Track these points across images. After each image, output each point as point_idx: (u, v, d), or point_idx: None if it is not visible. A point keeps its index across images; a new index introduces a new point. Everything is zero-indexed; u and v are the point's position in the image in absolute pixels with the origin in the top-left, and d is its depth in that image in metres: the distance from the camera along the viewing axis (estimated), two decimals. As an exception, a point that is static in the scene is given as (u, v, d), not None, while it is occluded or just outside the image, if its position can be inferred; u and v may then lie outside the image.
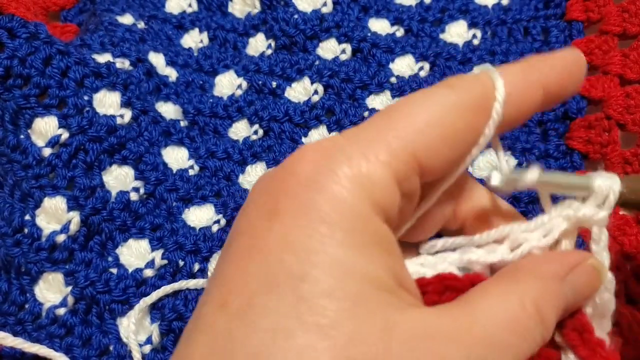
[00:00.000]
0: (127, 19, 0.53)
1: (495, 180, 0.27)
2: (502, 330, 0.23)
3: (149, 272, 0.41)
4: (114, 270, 0.41)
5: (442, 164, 0.25)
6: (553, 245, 0.27)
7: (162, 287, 0.40)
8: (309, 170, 0.23)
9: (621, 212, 0.42)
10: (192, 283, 0.40)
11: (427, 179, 0.26)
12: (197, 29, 0.55)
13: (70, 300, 0.40)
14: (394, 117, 0.25)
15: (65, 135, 0.42)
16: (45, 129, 0.42)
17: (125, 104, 0.45)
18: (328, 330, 0.21)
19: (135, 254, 0.42)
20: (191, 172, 0.46)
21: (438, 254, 0.27)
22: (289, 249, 0.22)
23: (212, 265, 0.42)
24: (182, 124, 0.48)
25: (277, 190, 0.24)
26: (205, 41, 0.54)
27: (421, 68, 0.50)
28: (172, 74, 0.51)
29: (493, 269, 0.27)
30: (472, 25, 0.52)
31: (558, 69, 0.27)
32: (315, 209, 0.23)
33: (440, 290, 0.25)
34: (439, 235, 0.30)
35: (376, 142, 0.24)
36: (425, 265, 0.27)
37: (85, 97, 0.44)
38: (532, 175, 0.26)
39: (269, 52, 0.53)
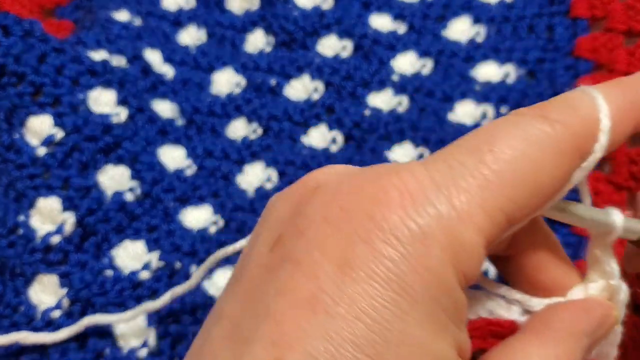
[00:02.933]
0: (123, 16, 0.52)
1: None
2: None
3: (145, 274, 0.40)
4: (110, 272, 0.40)
5: (528, 215, 0.22)
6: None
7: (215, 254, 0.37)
8: (394, 221, 0.20)
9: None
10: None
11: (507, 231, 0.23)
12: (194, 26, 0.54)
13: (65, 302, 0.40)
14: (487, 160, 0.21)
15: (60, 134, 0.42)
16: (40, 127, 0.42)
17: (121, 102, 0.45)
18: None
19: (131, 255, 0.41)
20: (188, 172, 0.46)
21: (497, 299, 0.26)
22: (361, 318, 0.19)
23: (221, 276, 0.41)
24: (179, 122, 0.48)
25: (353, 233, 0.20)
26: (203, 38, 0.54)
27: (424, 65, 0.50)
28: (169, 71, 0.51)
29: None
30: (475, 22, 0.52)
31: None
32: (396, 276, 0.20)
33: (483, 336, 0.24)
34: None
35: (469, 195, 0.21)
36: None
37: (80, 95, 0.43)
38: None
39: (268, 49, 0.52)
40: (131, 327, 0.39)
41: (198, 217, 0.44)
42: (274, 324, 0.20)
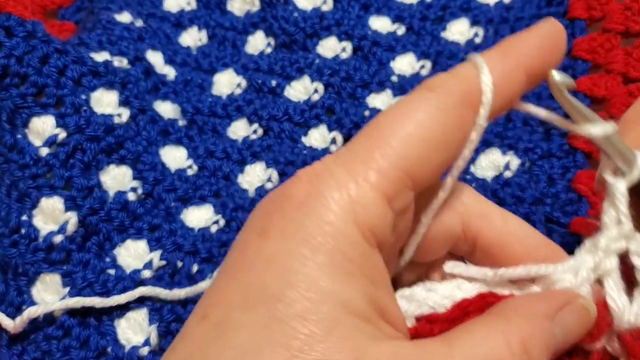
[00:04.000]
0: (125, 17, 0.53)
1: (557, 76, 0.26)
2: None
3: (147, 273, 0.40)
4: (112, 271, 0.41)
5: (433, 171, 0.25)
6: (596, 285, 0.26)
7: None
8: (301, 193, 0.24)
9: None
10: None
11: (421, 187, 0.25)
12: (195, 27, 0.54)
13: (68, 301, 0.40)
14: (379, 133, 0.25)
15: (62, 134, 0.42)
16: (43, 128, 0.42)
17: (123, 103, 0.45)
18: (296, 352, 0.21)
19: (133, 254, 0.42)
20: (190, 172, 0.46)
21: (472, 282, 0.27)
22: (271, 267, 0.22)
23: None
24: (181, 123, 0.48)
25: (271, 211, 0.24)
26: (204, 39, 0.54)
27: (422, 66, 0.50)
28: (170, 72, 0.51)
29: None
30: (474, 23, 0.52)
31: (537, 45, 0.26)
32: (301, 231, 0.23)
33: (454, 318, 0.25)
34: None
35: (364, 163, 0.24)
36: (461, 288, 0.26)
37: (83, 96, 0.43)
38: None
39: (269, 50, 0.53)
40: (133, 325, 0.39)
41: (199, 216, 0.44)
42: (208, 293, 0.24)
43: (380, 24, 0.53)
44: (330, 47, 0.52)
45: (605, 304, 0.26)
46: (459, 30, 0.52)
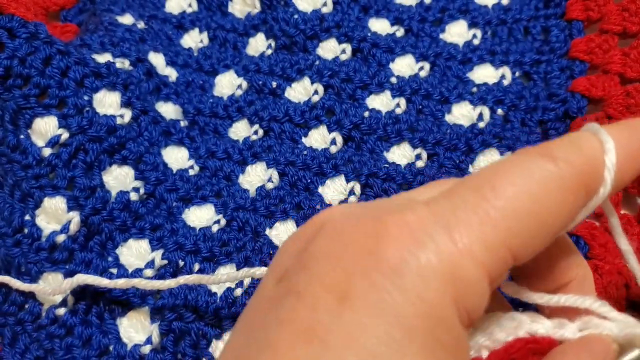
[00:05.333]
0: (127, 19, 0.53)
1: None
2: None
3: (149, 272, 0.41)
4: (114, 271, 0.41)
5: (533, 252, 0.22)
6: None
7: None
8: (393, 255, 0.20)
9: (622, 212, 0.42)
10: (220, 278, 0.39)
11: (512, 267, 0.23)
12: (197, 29, 0.55)
13: (70, 300, 0.40)
14: (489, 197, 0.21)
15: (65, 135, 0.42)
16: (45, 129, 0.42)
17: (125, 104, 0.45)
18: None
19: (135, 254, 0.42)
20: (191, 172, 0.46)
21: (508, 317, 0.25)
22: (354, 347, 0.19)
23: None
24: (182, 124, 0.48)
25: (352, 267, 0.21)
26: (205, 41, 0.54)
27: (421, 68, 0.50)
28: (172, 74, 0.51)
29: None
30: (472, 25, 0.52)
31: None
32: (393, 307, 0.20)
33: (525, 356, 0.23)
34: None
35: (470, 229, 0.21)
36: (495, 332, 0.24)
37: (85, 97, 0.44)
38: None
39: (269, 52, 0.53)
40: (134, 324, 0.40)
41: (201, 216, 0.44)
42: (271, 353, 0.20)
43: (380, 25, 0.53)
44: (330, 49, 0.52)
45: None
46: (457, 32, 0.52)
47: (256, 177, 0.46)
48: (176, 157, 0.46)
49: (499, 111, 0.47)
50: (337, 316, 0.20)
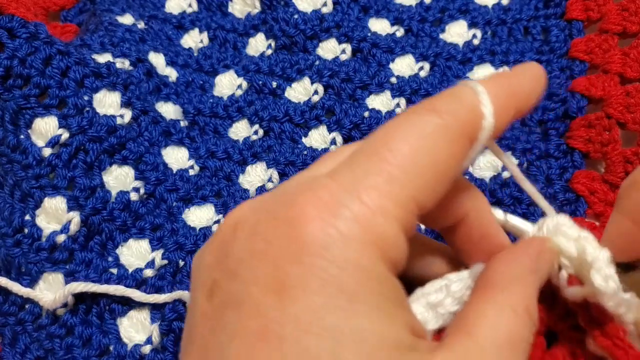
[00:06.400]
0: (127, 19, 0.53)
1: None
2: (506, 347, 0.23)
3: (149, 272, 0.41)
4: (114, 271, 0.41)
5: (435, 200, 0.24)
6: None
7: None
8: (315, 234, 0.21)
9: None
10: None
11: (419, 216, 0.24)
12: (197, 29, 0.55)
13: (71, 300, 0.40)
14: (387, 158, 0.23)
15: (65, 135, 0.42)
16: (46, 129, 0.42)
17: (126, 104, 0.45)
18: None
19: (136, 254, 0.42)
20: (191, 172, 0.46)
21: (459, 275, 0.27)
22: (310, 330, 0.20)
23: None
24: (182, 124, 0.48)
25: (281, 260, 0.21)
26: (205, 41, 0.54)
27: (421, 68, 0.50)
28: (172, 74, 0.51)
29: None
30: (472, 25, 0.52)
31: (528, 89, 0.26)
32: (330, 280, 0.20)
33: None
34: None
35: (378, 192, 0.22)
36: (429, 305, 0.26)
37: (85, 97, 0.44)
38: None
39: (269, 52, 0.53)
40: (135, 324, 0.40)
41: (201, 216, 0.44)
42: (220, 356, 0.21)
43: (380, 25, 0.53)
44: (330, 49, 0.52)
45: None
46: (457, 32, 0.52)
47: (256, 177, 0.46)
48: (176, 157, 0.46)
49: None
50: (282, 309, 0.20)
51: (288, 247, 0.21)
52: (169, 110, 0.49)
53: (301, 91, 0.50)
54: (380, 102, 0.49)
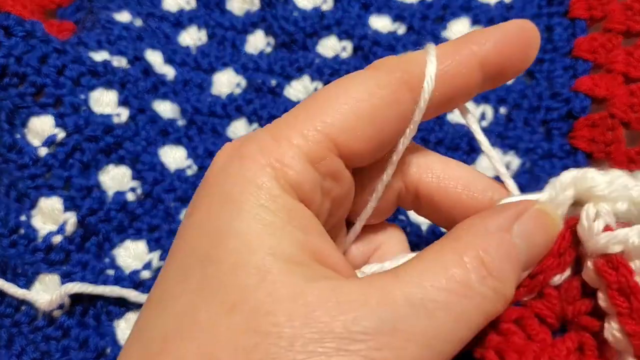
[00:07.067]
0: (124, 17, 0.52)
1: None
2: (435, 290, 0.21)
3: (146, 274, 0.41)
4: (111, 272, 0.41)
5: (366, 145, 0.25)
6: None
7: None
8: (223, 160, 0.25)
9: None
10: None
11: (358, 161, 0.26)
12: (195, 27, 0.54)
13: (67, 301, 0.40)
14: (312, 103, 0.25)
15: (61, 134, 0.42)
16: (42, 128, 0.42)
17: (122, 102, 0.45)
18: (232, 306, 0.21)
19: (133, 255, 0.41)
20: (189, 172, 0.46)
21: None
22: (200, 234, 0.23)
23: None
24: (180, 123, 0.48)
25: (200, 186, 0.25)
26: (204, 39, 0.54)
27: (422, 66, 0.50)
28: (169, 72, 0.51)
29: None
30: (474, 22, 0.52)
31: (499, 42, 0.26)
32: (224, 193, 0.23)
33: None
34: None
35: (289, 127, 0.25)
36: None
37: (82, 96, 0.43)
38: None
39: (269, 50, 0.53)
40: (132, 325, 0.39)
41: (199, 217, 0.44)
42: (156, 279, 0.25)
43: (381, 23, 0.53)
44: (331, 47, 0.52)
45: (573, 231, 0.25)
46: (459, 30, 0.52)
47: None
48: (174, 157, 0.46)
49: (502, 110, 0.47)
50: (186, 222, 0.24)
51: (205, 177, 0.25)
52: (166, 109, 0.48)
53: (301, 90, 0.50)
54: (381, 100, 0.49)
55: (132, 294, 0.39)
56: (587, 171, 0.25)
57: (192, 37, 0.54)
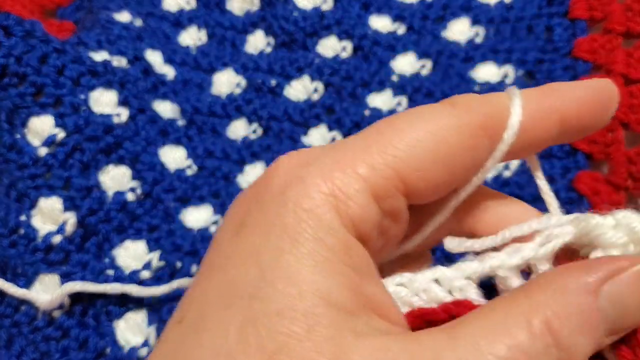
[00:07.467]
0: (124, 17, 0.52)
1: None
2: (494, 355, 0.19)
3: (146, 274, 0.40)
4: (111, 272, 0.40)
5: (432, 186, 0.23)
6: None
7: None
8: (281, 181, 0.22)
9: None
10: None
11: (418, 201, 0.24)
12: (195, 27, 0.54)
13: (67, 301, 0.40)
14: (383, 131, 0.23)
15: (61, 134, 0.42)
16: (41, 128, 0.42)
17: (122, 102, 0.45)
18: (272, 355, 0.19)
19: (132, 255, 0.41)
20: (189, 172, 0.46)
21: (455, 264, 0.24)
22: (247, 263, 0.21)
23: None
24: (180, 123, 0.48)
25: (249, 203, 0.23)
26: (204, 39, 0.54)
27: (423, 66, 0.50)
28: (169, 72, 0.51)
29: None
30: (474, 22, 0.52)
31: (579, 95, 0.24)
32: (280, 222, 0.21)
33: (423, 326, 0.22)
34: None
35: (355, 154, 0.22)
36: (441, 281, 0.23)
37: (82, 96, 0.43)
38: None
39: (268, 49, 0.52)
40: (132, 326, 0.39)
41: (199, 217, 0.44)
42: (184, 296, 0.23)
43: (381, 23, 0.53)
44: (331, 47, 0.52)
45: None
46: (459, 30, 0.52)
47: (255, 176, 0.45)
48: (174, 157, 0.46)
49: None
50: (232, 243, 0.22)
51: (258, 191, 0.23)
52: (166, 109, 0.48)
53: (301, 89, 0.50)
54: (381, 100, 0.49)
55: (134, 289, 0.39)
56: None
57: (192, 37, 0.54)
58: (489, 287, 0.23)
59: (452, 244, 0.25)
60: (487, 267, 0.23)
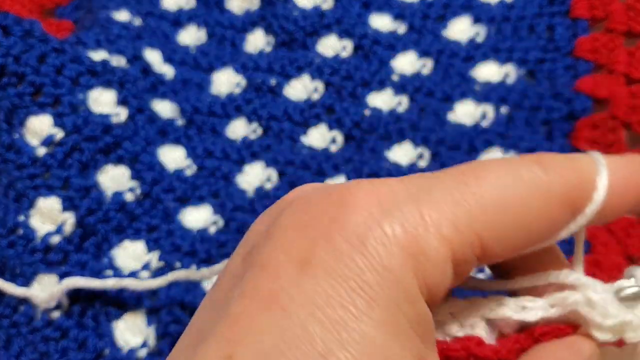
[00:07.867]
0: (123, 16, 0.52)
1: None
2: None
3: (145, 274, 0.40)
4: (110, 273, 0.40)
5: (507, 252, 0.22)
6: None
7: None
8: (358, 222, 0.20)
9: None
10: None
11: (485, 262, 0.22)
12: (194, 26, 0.54)
13: (65, 301, 0.39)
14: (470, 182, 0.21)
15: (60, 134, 0.42)
16: (40, 127, 0.42)
17: (121, 102, 0.45)
18: None
19: (131, 255, 0.41)
20: (188, 172, 0.45)
21: (468, 300, 0.24)
22: (317, 315, 0.19)
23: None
24: (179, 122, 0.48)
25: (317, 235, 0.20)
26: (203, 38, 0.54)
27: (424, 65, 0.50)
28: (169, 71, 0.51)
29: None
30: (475, 21, 0.52)
31: None
32: (356, 274, 0.19)
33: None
34: None
35: (441, 209, 0.20)
36: (455, 314, 0.23)
37: (80, 96, 0.43)
38: None
39: (268, 49, 0.52)
40: (131, 327, 0.39)
41: (198, 217, 0.44)
42: (230, 322, 0.20)
43: (381, 22, 0.53)
44: (331, 46, 0.51)
45: None
46: (460, 29, 0.52)
47: (255, 176, 0.46)
48: (173, 157, 0.46)
49: (503, 110, 0.47)
50: (298, 283, 0.19)
51: (326, 226, 0.20)
52: (165, 108, 0.48)
53: (301, 89, 0.50)
54: (381, 100, 0.49)
55: (132, 283, 0.38)
56: None
57: (191, 36, 0.54)
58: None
59: (471, 281, 0.25)
60: (499, 314, 0.23)
